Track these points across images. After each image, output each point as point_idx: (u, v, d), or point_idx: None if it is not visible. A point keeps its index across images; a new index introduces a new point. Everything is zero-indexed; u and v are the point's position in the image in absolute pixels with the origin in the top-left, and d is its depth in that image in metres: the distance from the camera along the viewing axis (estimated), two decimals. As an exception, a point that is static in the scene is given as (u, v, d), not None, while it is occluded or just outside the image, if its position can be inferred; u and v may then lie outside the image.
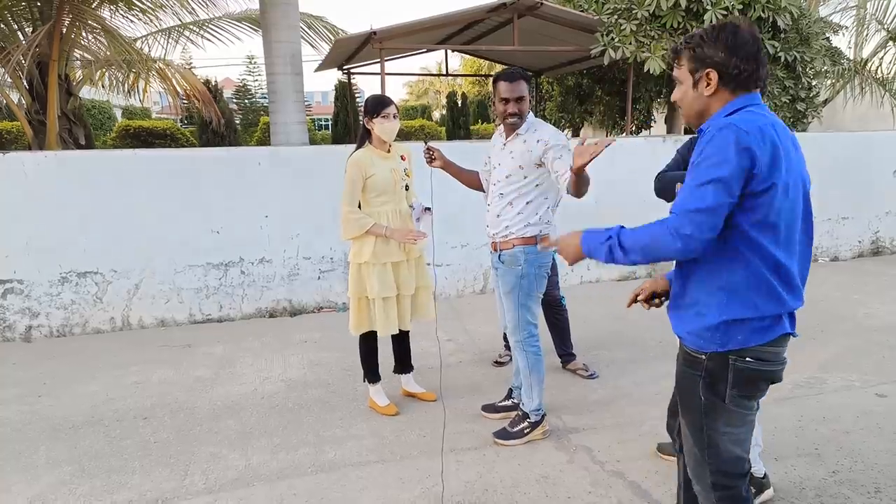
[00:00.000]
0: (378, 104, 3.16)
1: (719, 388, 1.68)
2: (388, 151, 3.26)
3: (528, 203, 2.90)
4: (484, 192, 3.25)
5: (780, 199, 1.57)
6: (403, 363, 3.61)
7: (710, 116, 1.68)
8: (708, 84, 1.65)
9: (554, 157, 2.77)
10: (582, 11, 8.55)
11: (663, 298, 1.93)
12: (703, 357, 1.69)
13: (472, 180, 3.29)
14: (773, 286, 1.62)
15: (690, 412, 1.77)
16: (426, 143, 3.20)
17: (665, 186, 2.70)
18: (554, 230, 3.29)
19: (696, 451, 1.78)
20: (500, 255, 2.98)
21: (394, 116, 3.18)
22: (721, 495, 1.76)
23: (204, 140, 14.21)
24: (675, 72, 1.74)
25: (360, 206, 3.21)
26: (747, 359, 1.64)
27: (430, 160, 3.13)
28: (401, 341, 3.56)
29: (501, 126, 3.02)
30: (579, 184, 2.53)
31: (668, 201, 2.73)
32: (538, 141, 2.82)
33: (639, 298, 1.96)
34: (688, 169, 1.66)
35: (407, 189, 3.33)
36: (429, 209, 3.30)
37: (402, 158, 3.32)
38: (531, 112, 2.96)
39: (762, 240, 1.59)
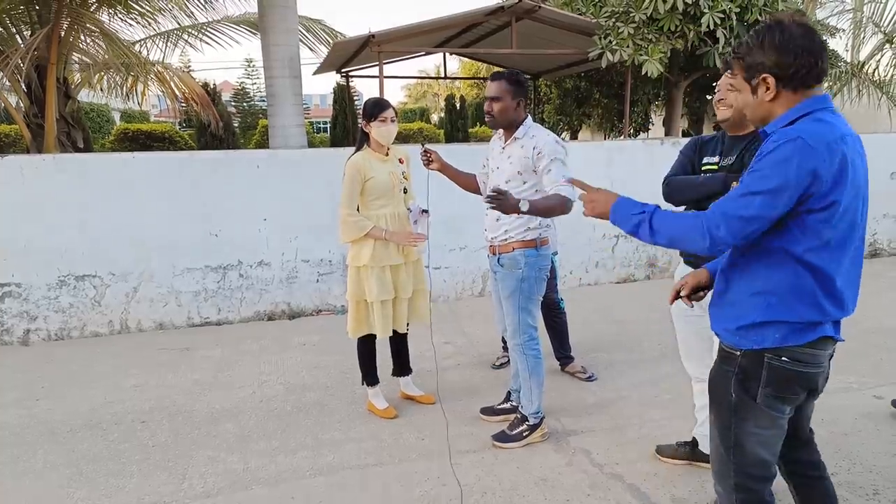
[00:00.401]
0: (376, 108, 3.16)
1: (751, 386, 1.66)
2: (387, 154, 3.26)
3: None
4: (481, 194, 3.24)
5: (838, 217, 1.54)
6: (401, 366, 3.61)
7: (774, 119, 1.62)
8: (767, 89, 1.59)
9: (544, 168, 2.77)
10: (580, 15, 8.58)
11: (706, 291, 1.89)
12: (738, 354, 1.68)
13: (470, 183, 3.28)
14: (816, 296, 1.59)
15: (720, 410, 1.75)
16: (423, 146, 3.19)
17: (674, 192, 2.64)
18: (554, 233, 3.29)
19: (721, 450, 1.76)
20: (499, 259, 2.97)
21: (392, 120, 3.19)
22: (742, 498, 1.74)
23: (202, 143, 14.21)
24: (733, 80, 1.70)
25: (358, 210, 3.22)
26: (783, 358, 1.62)
27: (428, 163, 3.11)
28: (398, 344, 3.56)
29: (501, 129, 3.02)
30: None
31: (677, 206, 2.65)
32: (534, 148, 2.81)
33: (681, 294, 1.90)
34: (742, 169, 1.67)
35: (405, 192, 3.33)
36: (426, 211, 3.28)
37: (401, 161, 3.32)
38: (529, 116, 2.94)
39: (811, 252, 1.56)
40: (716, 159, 2.50)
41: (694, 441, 2.81)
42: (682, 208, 2.72)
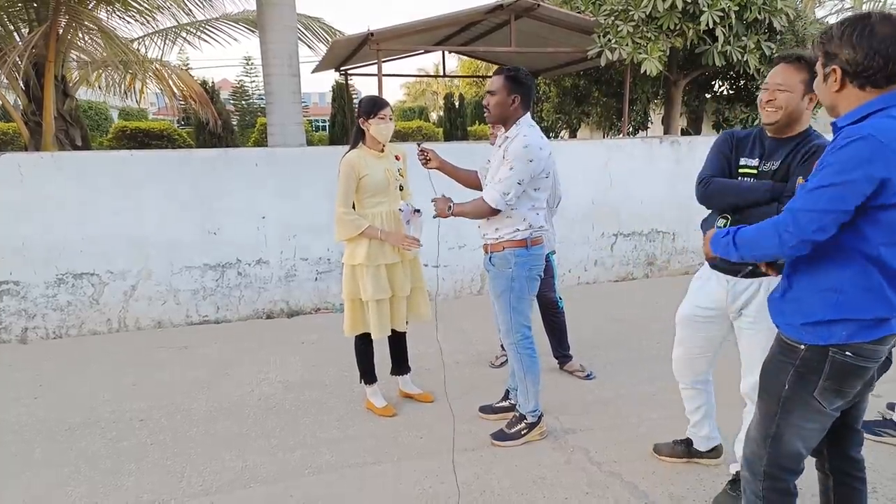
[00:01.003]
0: (374, 105, 3.15)
1: (810, 379, 1.67)
2: (382, 151, 3.25)
3: (515, 209, 2.84)
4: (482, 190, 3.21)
5: None
6: (400, 365, 3.60)
7: (843, 114, 1.63)
8: (835, 81, 1.61)
9: (504, 161, 2.77)
10: (579, 13, 8.57)
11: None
12: (802, 347, 1.69)
13: (470, 179, 3.23)
14: (885, 291, 1.59)
15: (768, 398, 1.77)
16: (419, 146, 3.15)
17: (713, 195, 2.34)
18: (549, 234, 3.27)
19: (758, 437, 1.79)
20: (490, 258, 2.96)
21: (390, 118, 3.18)
22: (769, 485, 1.78)
23: (201, 141, 14.19)
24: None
25: (354, 207, 3.20)
26: (847, 353, 1.63)
27: (425, 162, 3.09)
28: (397, 343, 3.55)
29: None
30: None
31: (709, 208, 2.46)
32: (507, 149, 2.79)
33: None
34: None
35: (401, 189, 3.32)
36: (418, 211, 3.22)
37: (397, 158, 3.31)
38: (527, 115, 2.88)
39: (882, 249, 1.56)
40: (755, 162, 2.29)
41: (688, 440, 2.82)
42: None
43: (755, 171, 2.27)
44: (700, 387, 2.67)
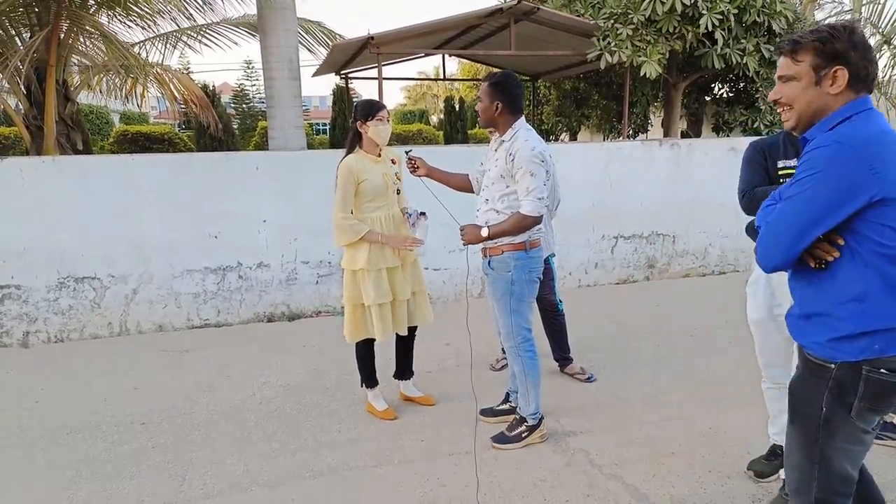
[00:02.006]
0: (371, 108, 3.16)
1: (847, 400, 1.58)
2: (379, 156, 3.26)
3: (513, 212, 2.84)
4: (475, 193, 3.22)
5: None
6: (405, 369, 3.60)
7: (826, 117, 1.58)
8: (833, 83, 1.56)
9: (517, 179, 2.77)
10: (578, 16, 8.58)
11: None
12: (833, 366, 1.59)
13: (461, 183, 3.25)
14: None
15: (805, 424, 1.67)
16: (407, 154, 3.17)
17: (764, 197, 2.33)
18: (548, 237, 3.27)
19: (804, 465, 1.68)
20: (489, 262, 2.96)
21: (387, 120, 3.20)
22: None
23: (201, 145, 14.20)
24: (788, 69, 1.61)
25: (352, 212, 3.21)
26: (881, 370, 1.54)
27: (414, 170, 3.12)
28: (405, 347, 3.55)
29: None
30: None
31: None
32: (509, 154, 2.79)
33: None
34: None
35: (398, 193, 3.33)
36: (424, 214, 3.25)
37: (393, 162, 3.32)
38: (522, 118, 2.89)
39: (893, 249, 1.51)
40: (793, 162, 2.27)
41: (773, 448, 2.69)
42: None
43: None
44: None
